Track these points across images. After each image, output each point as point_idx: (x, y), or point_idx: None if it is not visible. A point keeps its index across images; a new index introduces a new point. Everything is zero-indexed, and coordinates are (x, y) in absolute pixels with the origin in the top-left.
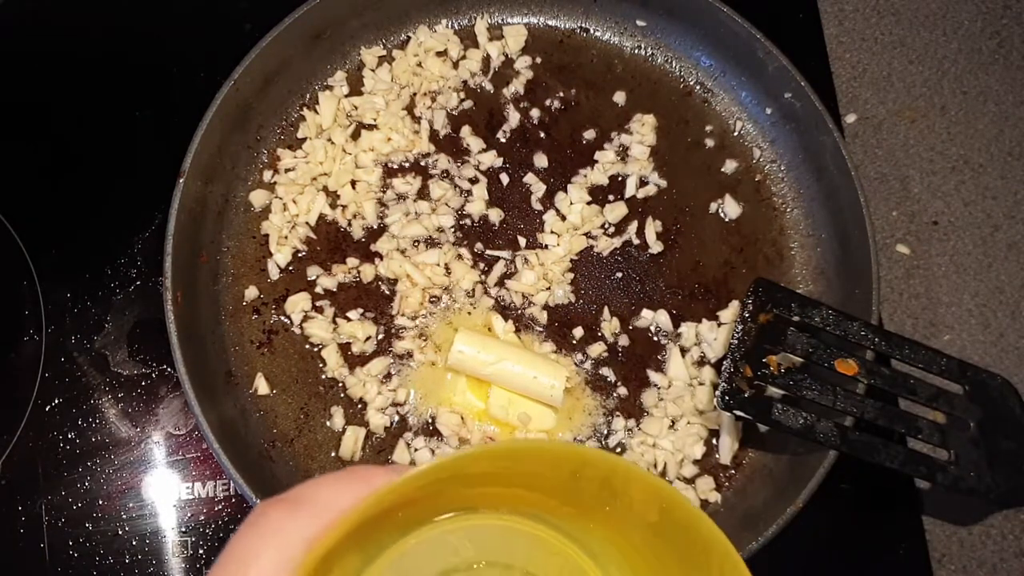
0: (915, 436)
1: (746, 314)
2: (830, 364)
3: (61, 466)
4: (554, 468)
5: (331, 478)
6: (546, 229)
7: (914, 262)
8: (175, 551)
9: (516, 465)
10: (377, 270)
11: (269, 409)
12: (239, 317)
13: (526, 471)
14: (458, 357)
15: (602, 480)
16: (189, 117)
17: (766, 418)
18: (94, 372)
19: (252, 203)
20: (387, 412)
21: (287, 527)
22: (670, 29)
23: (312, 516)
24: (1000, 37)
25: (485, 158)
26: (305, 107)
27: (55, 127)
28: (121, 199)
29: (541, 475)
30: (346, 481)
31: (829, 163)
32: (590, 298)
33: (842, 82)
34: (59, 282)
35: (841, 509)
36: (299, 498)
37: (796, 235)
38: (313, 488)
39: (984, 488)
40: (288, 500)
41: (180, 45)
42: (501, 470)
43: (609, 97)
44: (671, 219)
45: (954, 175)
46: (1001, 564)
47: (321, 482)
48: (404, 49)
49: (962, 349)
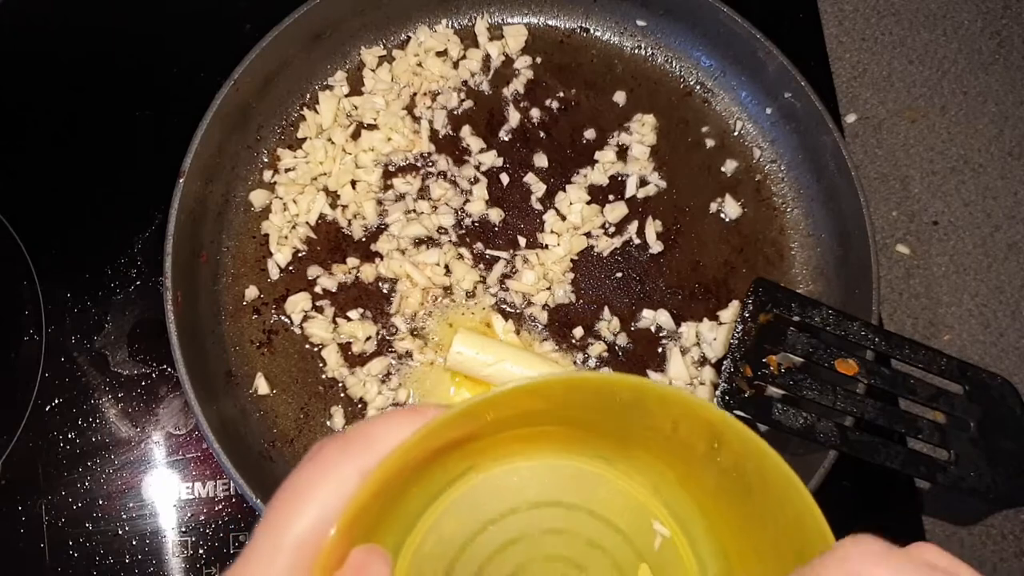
0: (915, 436)
1: (746, 314)
2: (830, 364)
3: (61, 466)
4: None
5: (387, 415)
6: (546, 229)
7: (914, 262)
8: (175, 551)
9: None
10: (377, 270)
11: (269, 409)
12: (239, 317)
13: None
14: (457, 358)
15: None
16: (189, 117)
17: (766, 418)
18: (94, 372)
19: (252, 203)
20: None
21: (342, 460)
22: (670, 29)
23: (366, 449)
24: (1000, 37)
25: (485, 158)
26: (305, 107)
27: (55, 127)
28: (121, 199)
29: (595, 410)
30: (401, 417)
31: (829, 163)
32: (590, 298)
33: (842, 82)
34: (59, 282)
35: (841, 509)
36: (356, 434)
37: (796, 235)
38: (370, 424)
39: (984, 488)
40: (343, 436)
41: (180, 45)
42: (560, 407)
43: (609, 97)
44: (671, 219)
45: (954, 175)
46: (1001, 564)
47: (377, 418)
48: (404, 49)
49: (962, 349)
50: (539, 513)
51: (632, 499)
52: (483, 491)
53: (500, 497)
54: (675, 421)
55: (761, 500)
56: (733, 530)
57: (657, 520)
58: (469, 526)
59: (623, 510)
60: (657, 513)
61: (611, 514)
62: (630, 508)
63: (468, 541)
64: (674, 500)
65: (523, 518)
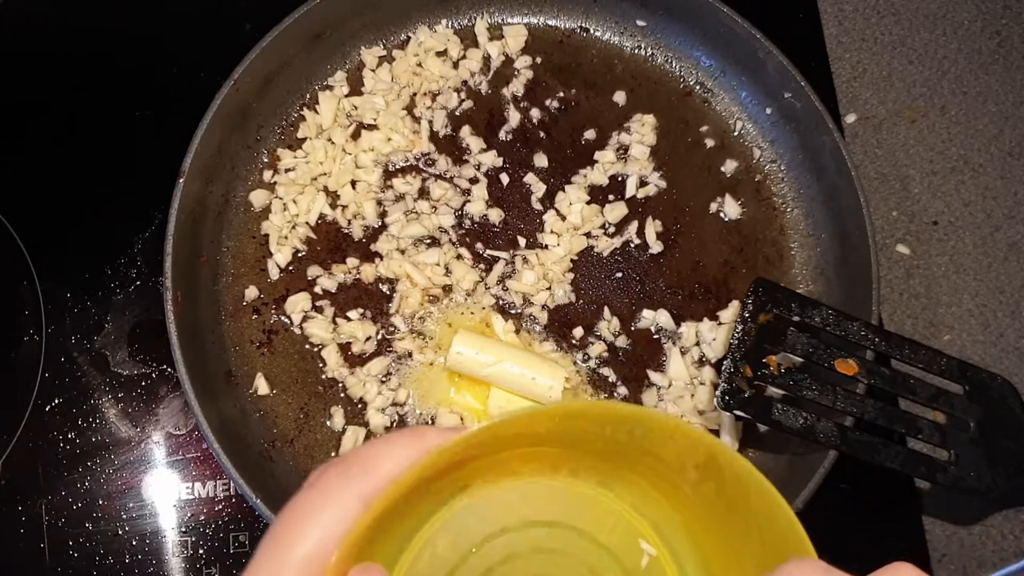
0: (915, 436)
1: (746, 314)
2: (830, 364)
3: (61, 466)
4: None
5: (386, 439)
6: (546, 229)
7: (914, 262)
8: (175, 551)
9: (571, 425)
10: (377, 270)
11: (269, 409)
12: (239, 317)
13: (579, 430)
14: (457, 359)
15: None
16: (189, 117)
17: (766, 418)
18: (94, 372)
19: (252, 203)
20: (387, 412)
21: (344, 486)
22: (670, 29)
23: (366, 474)
24: (1000, 37)
25: (485, 158)
26: (305, 107)
27: (55, 127)
28: (121, 199)
29: (592, 434)
30: (401, 441)
31: (829, 163)
32: (590, 298)
33: (842, 82)
34: (59, 282)
35: (841, 509)
36: (355, 460)
37: (796, 235)
38: (369, 449)
39: (984, 488)
40: (344, 462)
41: (180, 45)
42: (555, 431)
43: (609, 97)
44: (671, 219)
45: (954, 175)
46: (1001, 564)
47: (377, 443)
48: (404, 49)
49: (962, 349)
50: (530, 532)
51: (620, 518)
52: (477, 510)
53: (493, 516)
54: (662, 444)
55: (744, 518)
56: (717, 548)
57: (644, 539)
58: (463, 544)
59: (612, 529)
60: (644, 532)
61: (600, 533)
62: (619, 527)
63: (462, 560)
64: (660, 518)
65: (515, 537)
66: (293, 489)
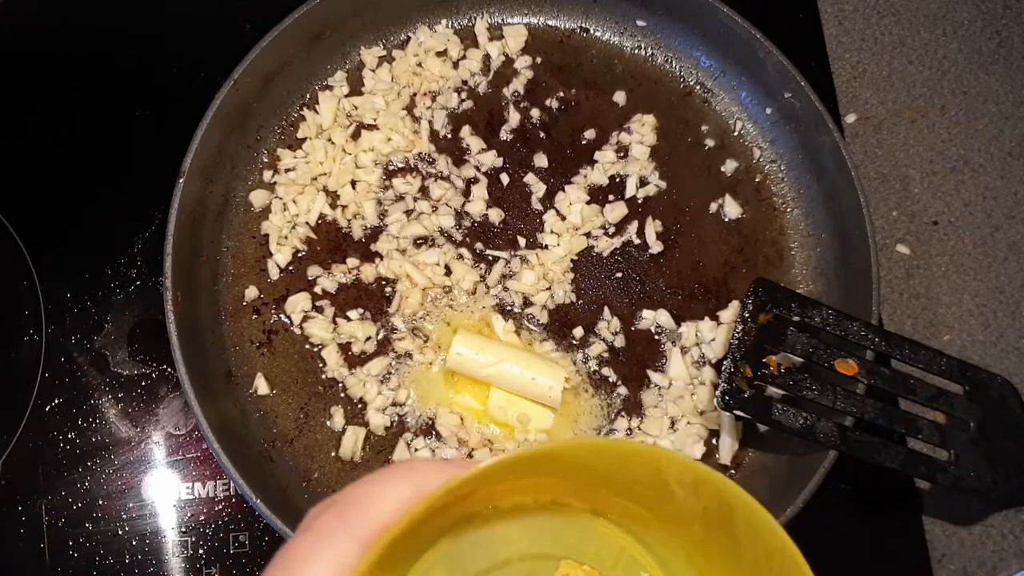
0: (915, 436)
1: (746, 314)
2: (830, 364)
3: (61, 466)
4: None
5: (380, 476)
6: (546, 229)
7: (914, 262)
8: (175, 551)
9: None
10: (377, 270)
11: (269, 409)
12: (239, 317)
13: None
14: (456, 359)
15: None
16: (189, 117)
17: (766, 418)
18: (94, 372)
19: (252, 203)
20: (387, 412)
21: (339, 530)
22: (670, 29)
23: (362, 515)
24: (1000, 37)
25: (485, 158)
26: (305, 107)
27: (55, 127)
28: (121, 199)
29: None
30: (396, 476)
31: (829, 163)
32: (590, 298)
33: (842, 82)
34: (59, 282)
35: (841, 509)
36: (350, 499)
37: (796, 235)
38: (364, 487)
39: (984, 488)
40: (339, 502)
41: (180, 45)
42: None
43: (609, 97)
44: (671, 219)
45: (954, 175)
46: (1001, 564)
47: (371, 481)
48: (404, 49)
49: (962, 349)
50: (530, 565)
51: (622, 552)
52: (475, 543)
53: (492, 549)
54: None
55: (740, 541)
56: (718, 573)
57: (645, 572)
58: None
59: (615, 562)
60: (644, 563)
61: (601, 565)
62: (622, 560)
63: None
64: (659, 545)
65: (514, 570)
66: (293, 489)
